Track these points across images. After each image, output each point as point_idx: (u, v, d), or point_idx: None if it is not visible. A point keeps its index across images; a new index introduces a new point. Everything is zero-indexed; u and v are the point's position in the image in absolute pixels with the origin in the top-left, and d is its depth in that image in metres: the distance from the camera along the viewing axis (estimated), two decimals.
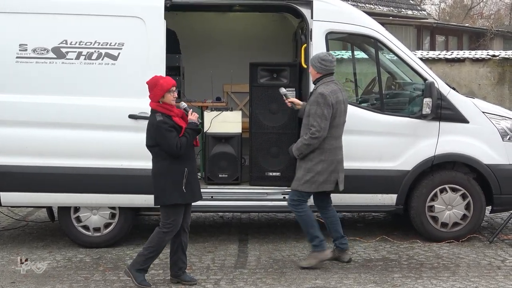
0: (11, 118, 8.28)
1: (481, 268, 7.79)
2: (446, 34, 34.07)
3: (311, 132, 7.53)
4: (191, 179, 7.01)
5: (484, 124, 8.76)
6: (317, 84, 7.71)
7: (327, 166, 7.67)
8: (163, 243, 7.04)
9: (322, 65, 7.69)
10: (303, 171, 7.69)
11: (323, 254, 7.79)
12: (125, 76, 8.29)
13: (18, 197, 8.39)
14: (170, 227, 6.99)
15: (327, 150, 7.65)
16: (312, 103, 7.58)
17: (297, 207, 7.78)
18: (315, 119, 7.52)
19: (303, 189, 7.70)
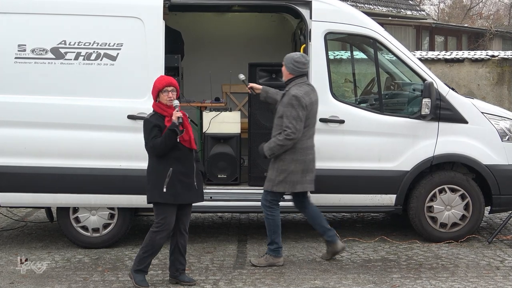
0: (10, 119, 8.27)
1: (480, 268, 7.79)
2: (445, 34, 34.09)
3: (286, 133, 7.53)
4: (176, 180, 6.94)
5: (483, 125, 8.76)
6: (290, 85, 7.72)
7: (299, 165, 7.69)
8: (155, 243, 7.02)
9: (295, 66, 7.71)
10: (276, 172, 7.70)
11: (276, 260, 7.85)
12: (124, 77, 8.29)
13: (17, 198, 8.38)
14: (159, 226, 6.99)
15: (299, 150, 7.67)
16: (286, 105, 7.57)
17: (269, 209, 7.81)
18: (290, 121, 7.52)
19: (277, 190, 7.73)
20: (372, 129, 8.59)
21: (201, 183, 7.21)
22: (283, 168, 7.67)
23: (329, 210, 9.23)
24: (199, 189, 7.15)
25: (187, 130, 6.99)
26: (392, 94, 9.67)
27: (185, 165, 7.00)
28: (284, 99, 7.67)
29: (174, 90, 7.00)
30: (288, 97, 7.61)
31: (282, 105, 7.65)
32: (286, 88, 7.75)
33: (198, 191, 7.12)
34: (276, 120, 7.72)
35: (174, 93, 7.00)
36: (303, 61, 7.73)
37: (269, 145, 7.68)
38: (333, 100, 8.54)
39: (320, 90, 8.48)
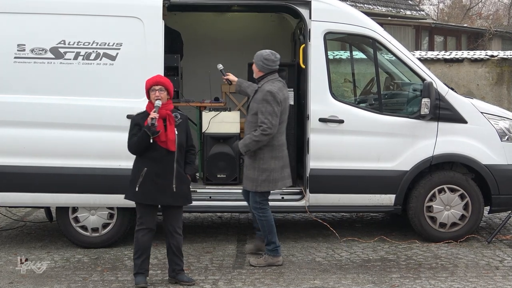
0: (9, 118, 8.27)
1: (479, 268, 7.79)
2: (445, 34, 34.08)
3: (262, 128, 7.51)
4: (149, 181, 6.93)
5: (482, 125, 8.76)
6: (262, 82, 7.72)
7: (278, 162, 7.72)
8: (139, 242, 7.04)
9: (264, 64, 7.73)
10: (257, 171, 7.68)
11: (275, 260, 7.85)
12: (123, 76, 8.28)
13: (16, 197, 8.38)
14: (139, 225, 7.06)
15: (276, 147, 7.69)
16: (261, 101, 7.57)
17: (260, 210, 7.78)
18: (266, 117, 7.52)
19: (261, 189, 7.71)
20: (372, 129, 8.59)
21: (184, 186, 7.08)
22: (264, 167, 7.66)
23: (329, 210, 9.24)
24: (180, 191, 7.02)
25: (168, 131, 6.93)
26: (391, 94, 9.68)
27: (161, 166, 6.96)
28: (257, 96, 7.67)
29: (162, 89, 6.98)
30: (262, 93, 7.59)
31: (256, 101, 7.65)
32: (259, 84, 7.75)
33: (177, 194, 7.00)
34: (250, 117, 7.72)
35: (163, 92, 6.97)
36: (273, 59, 7.75)
37: (245, 142, 7.65)
38: (332, 100, 8.54)
39: (320, 90, 8.51)
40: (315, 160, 8.53)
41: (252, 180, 7.70)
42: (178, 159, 7.01)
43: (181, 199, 7.08)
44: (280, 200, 8.74)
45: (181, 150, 7.06)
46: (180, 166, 7.04)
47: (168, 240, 7.15)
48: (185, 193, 7.09)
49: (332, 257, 8.23)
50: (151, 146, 6.91)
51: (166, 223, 7.12)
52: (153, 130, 6.84)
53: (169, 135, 6.94)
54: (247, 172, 7.77)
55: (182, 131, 7.07)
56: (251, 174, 7.70)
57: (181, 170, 7.05)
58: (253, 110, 7.66)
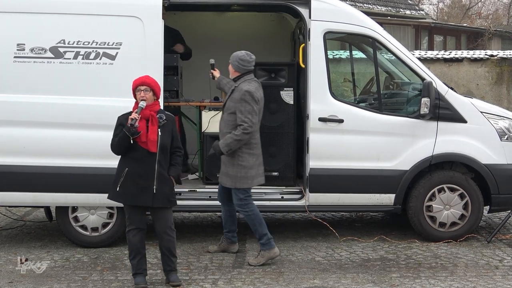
0: (9, 118, 8.27)
1: (479, 268, 7.79)
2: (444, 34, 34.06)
3: (243, 127, 7.62)
4: (130, 181, 6.94)
5: (482, 124, 8.76)
6: (238, 82, 7.84)
7: (255, 159, 7.84)
8: (131, 242, 7.07)
9: (240, 64, 7.86)
10: (235, 168, 7.78)
11: (272, 252, 7.90)
12: (123, 76, 8.26)
13: (16, 197, 8.38)
14: (128, 225, 7.10)
15: (254, 145, 7.82)
16: (239, 101, 7.68)
17: (244, 207, 7.86)
18: (246, 116, 7.64)
19: (240, 186, 7.80)
20: (371, 129, 8.59)
21: (166, 187, 7.01)
22: (243, 164, 7.77)
23: (328, 209, 9.24)
24: (161, 193, 6.96)
25: (149, 132, 6.89)
26: (391, 94, 9.67)
27: (142, 167, 6.94)
28: (234, 95, 7.77)
29: (147, 90, 6.96)
30: (240, 92, 7.71)
31: (233, 101, 7.76)
32: (235, 84, 7.85)
33: (157, 195, 6.95)
34: (227, 116, 7.83)
35: (148, 93, 6.94)
36: (248, 59, 7.88)
37: (226, 141, 7.72)
38: (332, 100, 8.54)
39: (319, 89, 8.52)
40: (315, 159, 8.53)
41: (231, 177, 7.82)
42: (160, 161, 6.96)
43: (161, 201, 7.00)
44: (279, 200, 8.75)
45: (164, 152, 7.00)
46: (162, 168, 6.99)
47: (158, 241, 7.17)
48: (166, 194, 7.02)
49: (331, 256, 8.23)
50: (133, 147, 6.91)
51: (155, 224, 7.12)
52: (133, 131, 6.83)
53: (150, 136, 6.90)
54: (226, 169, 7.87)
55: (167, 132, 7.02)
56: (230, 171, 7.82)
57: (163, 172, 6.99)
58: (230, 109, 7.77)
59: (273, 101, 8.94)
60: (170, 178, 7.07)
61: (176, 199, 7.24)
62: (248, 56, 7.88)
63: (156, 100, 7.10)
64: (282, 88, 9.00)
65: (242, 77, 7.84)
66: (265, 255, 7.87)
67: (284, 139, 8.96)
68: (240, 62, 7.84)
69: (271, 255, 7.88)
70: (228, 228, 8.24)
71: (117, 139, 6.95)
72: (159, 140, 6.93)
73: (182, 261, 8.00)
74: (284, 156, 9.00)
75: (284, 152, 9.02)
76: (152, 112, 6.97)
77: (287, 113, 9.00)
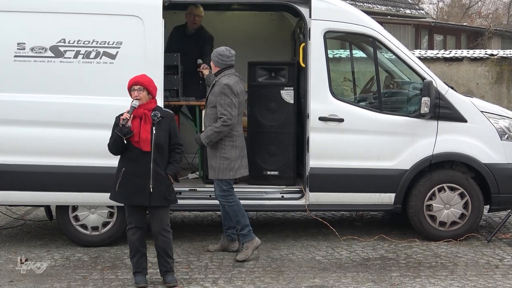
0: (9, 117, 8.27)
1: (479, 267, 7.79)
2: (444, 33, 34.04)
3: (222, 120, 7.79)
4: (127, 181, 6.96)
5: (482, 123, 8.76)
6: (218, 76, 8.01)
7: (239, 151, 7.99)
8: (130, 241, 7.11)
9: (219, 59, 8.04)
10: (218, 160, 7.94)
11: (255, 242, 8.04)
12: (123, 75, 8.20)
13: (17, 196, 8.38)
14: (128, 224, 7.15)
15: (236, 137, 7.97)
16: (219, 94, 7.86)
17: (227, 198, 8.00)
18: (225, 108, 7.81)
19: (223, 177, 7.92)
20: (372, 128, 8.59)
21: (162, 186, 6.97)
22: (225, 156, 7.91)
23: (329, 208, 9.26)
24: (157, 192, 6.94)
25: (141, 131, 6.89)
26: (391, 93, 9.67)
27: (137, 166, 6.95)
28: (215, 89, 7.95)
29: (141, 89, 6.96)
30: (220, 86, 7.89)
31: (214, 94, 7.94)
32: (216, 78, 8.03)
33: (154, 194, 6.93)
34: (209, 110, 7.99)
35: (141, 92, 6.95)
36: (227, 54, 8.03)
37: (206, 134, 7.91)
38: (332, 99, 8.54)
39: (320, 88, 8.52)
40: (315, 159, 8.53)
41: (214, 168, 7.96)
42: (156, 159, 6.94)
43: (158, 200, 6.99)
44: (280, 199, 8.76)
45: (160, 150, 6.96)
46: (158, 166, 6.96)
47: (154, 242, 7.16)
48: (163, 193, 6.99)
49: (332, 255, 8.24)
50: (128, 147, 6.93)
51: (151, 223, 7.12)
52: (125, 131, 6.84)
53: (142, 134, 6.90)
54: (210, 162, 8.03)
55: (163, 130, 6.99)
56: (213, 163, 7.97)
57: (159, 170, 6.96)
58: (212, 103, 7.94)
59: (273, 100, 8.94)
60: (167, 177, 7.05)
61: (176, 197, 7.22)
62: (227, 51, 8.05)
63: (152, 99, 7.09)
64: (282, 87, 8.99)
65: (222, 72, 8.00)
66: (249, 246, 7.97)
67: (284, 138, 8.96)
68: (219, 57, 8.00)
69: (255, 244, 8.02)
70: (227, 225, 8.25)
71: (112, 139, 6.97)
72: (153, 138, 6.91)
73: (182, 260, 8.01)
74: (284, 156, 9.00)
75: (284, 152, 9.01)
76: (146, 110, 6.97)
77: (287, 112, 8.99)
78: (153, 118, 6.96)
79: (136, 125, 6.90)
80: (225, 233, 8.31)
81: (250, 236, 7.99)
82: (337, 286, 7.16)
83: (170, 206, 7.25)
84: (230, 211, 8.03)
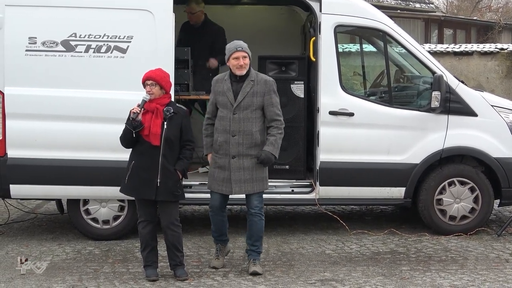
0: (21, 111, 8.31)
1: (489, 261, 7.79)
2: (454, 27, 33.96)
3: (281, 122, 7.23)
4: (135, 174, 7.01)
5: (492, 118, 8.76)
6: (251, 72, 7.25)
7: None
8: (141, 235, 7.15)
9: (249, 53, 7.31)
10: (265, 170, 7.31)
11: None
12: (134, 69, 8.27)
13: (28, 190, 8.43)
14: (139, 217, 7.18)
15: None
16: (269, 92, 7.19)
17: (262, 211, 7.37)
18: (279, 108, 7.26)
19: (267, 186, 7.40)
20: (382, 122, 8.60)
21: (170, 181, 6.97)
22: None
23: (339, 202, 9.27)
24: (164, 186, 6.95)
25: (152, 125, 6.93)
26: (401, 87, 9.66)
27: (146, 160, 6.99)
28: (257, 88, 7.17)
29: (153, 84, 6.99)
30: (266, 84, 7.21)
31: (256, 95, 7.15)
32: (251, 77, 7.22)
33: (161, 189, 6.95)
34: (251, 113, 7.15)
35: (154, 87, 6.98)
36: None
37: (275, 145, 7.16)
38: (342, 93, 8.55)
39: (330, 83, 8.53)
40: (325, 153, 8.54)
41: (262, 179, 7.27)
42: (165, 154, 6.97)
43: (165, 194, 7.00)
44: (290, 193, 8.78)
45: (170, 145, 6.99)
46: (167, 161, 6.99)
47: (164, 236, 7.19)
48: (170, 188, 7.00)
49: (342, 249, 8.25)
50: (139, 140, 6.98)
51: (160, 218, 7.16)
52: (135, 124, 6.89)
53: (152, 129, 6.94)
54: (249, 175, 7.19)
55: (174, 125, 7.01)
56: (260, 173, 7.24)
57: (168, 165, 6.99)
58: (255, 105, 7.16)
59: (283, 94, 8.92)
60: (175, 172, 7.06)
61: (183, 193, 7.22)
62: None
63: (166, 94, 7.12)
64: (293, 81, 9.01)
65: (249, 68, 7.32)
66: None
67: (294, 132, 8.96)
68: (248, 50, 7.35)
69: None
70: (224, 232, 7.61)
71: (123, 132, 7.01)
72: (163, 133, 6.95)
73: (192, 254, 8.04)
74: (295, 150, 9.01)
75: (294, 146, 9.02)
76: (158, 105, 7.00)
77: (298, 106, 9.00)
78: (165, 113, 6.99)
79: (148, 119, 6.94)
80: (220, 241, 7.60)
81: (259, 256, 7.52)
82: (347, 280, 7.17)
83: (180, 200, 7.28)
84: (259, 227, 7.31)
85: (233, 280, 7.18)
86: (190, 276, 7.21)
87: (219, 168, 7.26)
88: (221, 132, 7.21)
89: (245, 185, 7.21)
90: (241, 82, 7.22)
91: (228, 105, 7.18)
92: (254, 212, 7.30)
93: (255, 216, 7.31)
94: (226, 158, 7.20)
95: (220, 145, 7.22)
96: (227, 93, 7.21)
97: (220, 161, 7.25)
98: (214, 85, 7.38)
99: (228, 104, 7.18)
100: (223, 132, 7.19)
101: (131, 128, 6.91)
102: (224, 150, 7.21)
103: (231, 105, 7.17)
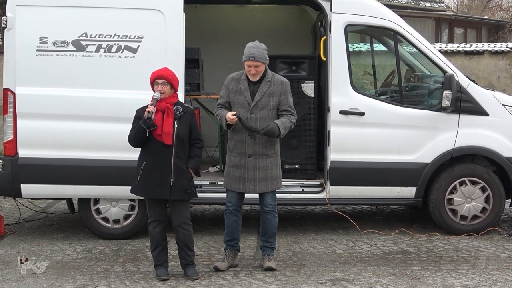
0: (32, 111, 8.33)
1: (500, 261, 7.76)
2: (465, 26, 33.84)
3: (294, 116, 7.26)
4: (147, 174, 6.99)
5: (504, 117, 8.73)
6: (268, 73, 7.24)
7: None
8: (151, 234, 7.14)
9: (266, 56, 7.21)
10: (279, 168, 7.37)
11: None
12: (144, 69, 8.25)
13: (39, 189, 8.45)
14: (149, 217, 7.17)
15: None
16: (284, 93, 7.23)
17: (276, 209, 7.44)
18: (293, 108, 7.33)
19: (281, 185, 7.48)
20: (392, 121, 8.58)
21: (183, 180, 6.99)
22: (279, 163, 7.39)
23: (349, 202, 9.24)
24: (178, 185, 6.96)
25: (164, 124, 6.92)
26: (412, 86, 9.65)
27: (159, 160, 6.98)
28: (273, 89, 7.19)
29: (164, 83, 6.99)
30: (281, 84, 7.24)
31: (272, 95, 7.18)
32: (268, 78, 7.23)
33: (174, 188, 6.96)
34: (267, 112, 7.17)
35: (165, 86, 6.99)
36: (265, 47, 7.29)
37: (285, 124, 7.12)
38: (353, 92, 8.54)
39: (340, 82, 8.52)
40: (336, 152, 8.53)
41: (276, 178, 7.32)
42: (177, 153, 6.99)
43: (179, 193, 7.01)
44: (300, 193, 8.77)
45: (181, 143, 7.01)
46: (180, 160, 7.00)
47: (175, 235, 7.20)
48: (183, 187, 7.02)
49: (352, 249, 8.24)
50: (149, 139, 6.97)
51: (172, 217, 7.16)
52: (149, 124, 6.88)
53: (165, 128, 6.94)
54: (264, 173, 7.22)
55: (184, 124, 7.03)
56: (275, 172, 7.29)
57: (180, 164, 7.00)
58: (271, 104, 7.20)
59: (294, 94, 8.83)
60: (188, 170, 7.08)
61: (196, 191, 7.24)
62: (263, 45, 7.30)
63: (175, 93, 7.14)
64: (303, 81, 9.00)
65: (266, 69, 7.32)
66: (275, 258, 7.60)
67: (305, 132, 8.96)
68: (265, 52, 7.22)
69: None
70: (236, 237, 7.52)
71: (134, 132, 7.01)
72: (175, 132, 6.96)
73: (203, 253, 8.04)
74: (305, 149, 9.01)
75: (305, 145, 9.02)
76: (168, 104, 7.01)
77: (308, 106, 9.00)
78: (175, 112, 7.00)
79: (159, 118, 6.94)
80: (231, 247, 7.52)
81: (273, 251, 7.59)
82: (358, 279, 7.16)
83: (191, 200, 7.29)
84: (273, 223, 7.37)
85: (244, 279, 7.17)
86: (201, 276, 7.21)
87: (234, 166, 7.31)
88: (237, 131, 7.23)
89: (259, 184, 7.26)
90: (258, 82, 7.25)
91: (246, 104, 7.21)
92: (268, 210, 7.36)
93: (269, 213, 7.37)
94: (242, 157, 7.24)
95: (236, 144, 7.26)
96: (244, 92, 7.23)
97: (235, 160, 7.30)
98: (229, 83, 7.37)
99: (246, 104, 7.21)
100: (239, 131, 7.21)
101: (145, 127, 6.91)
102: (239, 149, 7.24)
103: (248, 105, 7.19)
